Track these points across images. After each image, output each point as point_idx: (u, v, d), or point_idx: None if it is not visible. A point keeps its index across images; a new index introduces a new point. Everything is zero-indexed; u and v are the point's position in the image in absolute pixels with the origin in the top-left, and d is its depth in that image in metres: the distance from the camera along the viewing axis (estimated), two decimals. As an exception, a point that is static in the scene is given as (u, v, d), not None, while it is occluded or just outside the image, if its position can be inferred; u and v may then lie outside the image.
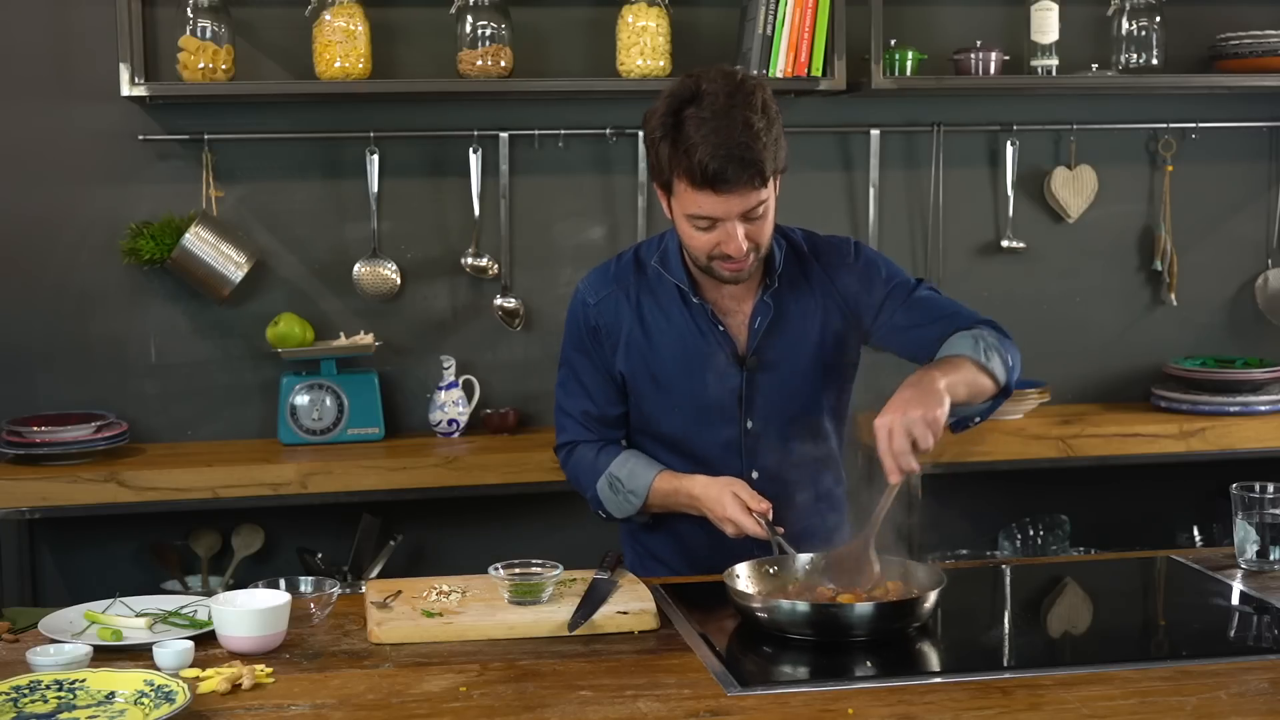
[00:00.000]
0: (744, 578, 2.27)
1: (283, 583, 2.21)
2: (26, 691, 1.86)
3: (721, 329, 2.51)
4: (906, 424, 2.18)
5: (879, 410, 2.25)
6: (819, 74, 3.67)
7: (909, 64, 3.78)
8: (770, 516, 2.39)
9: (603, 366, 2.57)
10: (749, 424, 2.53)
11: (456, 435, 3.76)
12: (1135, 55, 3.86)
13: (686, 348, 2.51)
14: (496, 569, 2.27)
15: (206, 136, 3.67)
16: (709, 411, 2.53)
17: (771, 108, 2.32)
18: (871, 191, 3.94)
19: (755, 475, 2.54)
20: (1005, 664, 2.08)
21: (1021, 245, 4.02)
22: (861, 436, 3.56)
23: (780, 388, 2.52)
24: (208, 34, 3.52)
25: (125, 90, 3.48)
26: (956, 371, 2.33)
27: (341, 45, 3.54)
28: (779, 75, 3.66)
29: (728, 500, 2.41)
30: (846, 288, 2.53)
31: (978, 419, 2.49)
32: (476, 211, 3.80)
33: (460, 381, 3.78)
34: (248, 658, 2.04)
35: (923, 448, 2.19)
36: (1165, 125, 4.05)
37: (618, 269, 2.58)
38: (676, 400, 2.54)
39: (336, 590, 2.25)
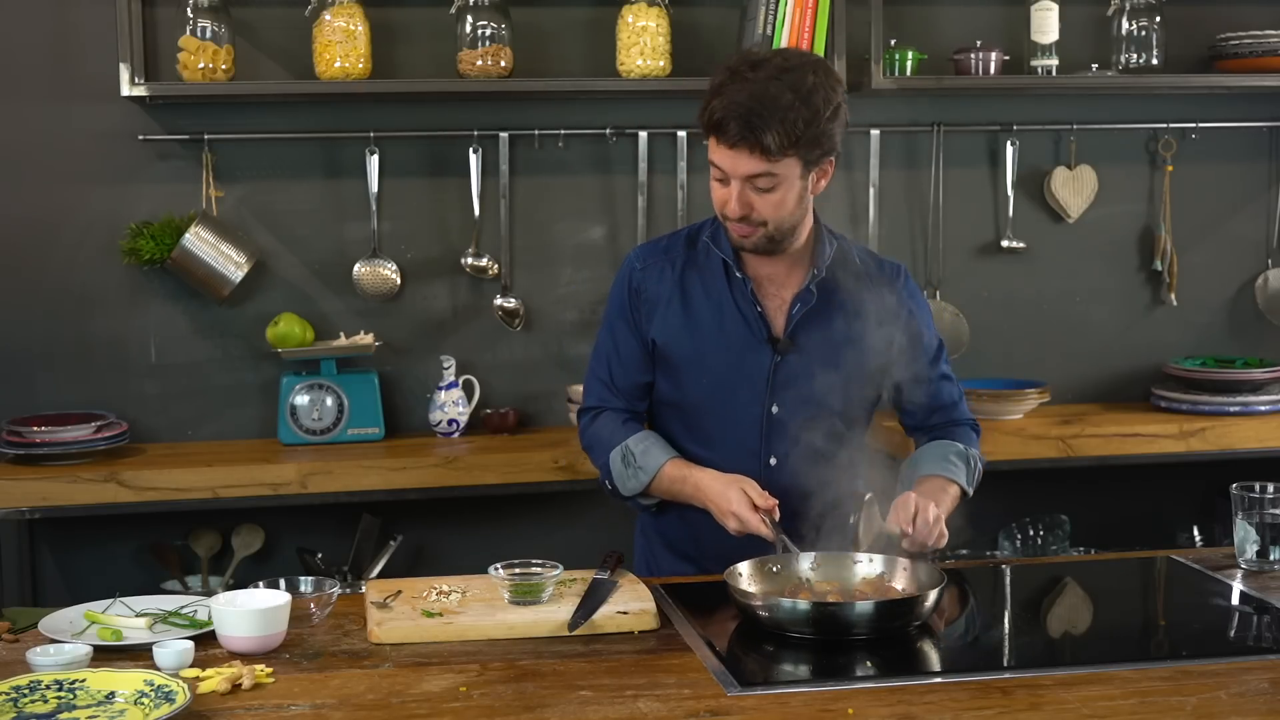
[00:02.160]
0: (746, 576, 2.28)
1: (283, 583, 2.22)
2: (26, 691, 1.86)
3: (759, 310, 2.54)
4: (935, 513, 2.39)
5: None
6: (819, 74, 3.67)
7: (909, 64, 3.78)
8: (776, 515, 2.40)
9: (637, 332, 2.61)
10: (774, 408, 2.55)
11: (456, 435, 3.76)
12: (1135, 55, 3.86)
13: (722, 320, 2.55)
14: (496, 569, 2.27)
15: (206, 136, 3.67)
16: (736, 388, 2.56)
17: (818, 97, 2.37)
18: (871, 191, 3.94)
19: (773, 461, 2.56)
20: (1005, 664, 2.08)
21: (1021, 245, 4.02)
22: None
23: (809, 377, 2.54)
24: (208, 34, 3.52)
25: (125, 90, 3.48)
26: (948, 498, 2.53)
27: (341, 45, 3.54)
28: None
29: (734, 495, 2.43)
30: (885, 309, 2.58)
31: None
32: (476, 211, 3.80)
33: (460, 381, 3.78)
34: (248, 658, 2.04)
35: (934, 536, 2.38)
36: (1165, 125, 4.05)
37: (669, 242, 2.65)
38: (705, 371, 2.56)
39: (336, 590, 2.25)
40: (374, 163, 3.74)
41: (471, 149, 3.77)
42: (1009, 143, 3.97)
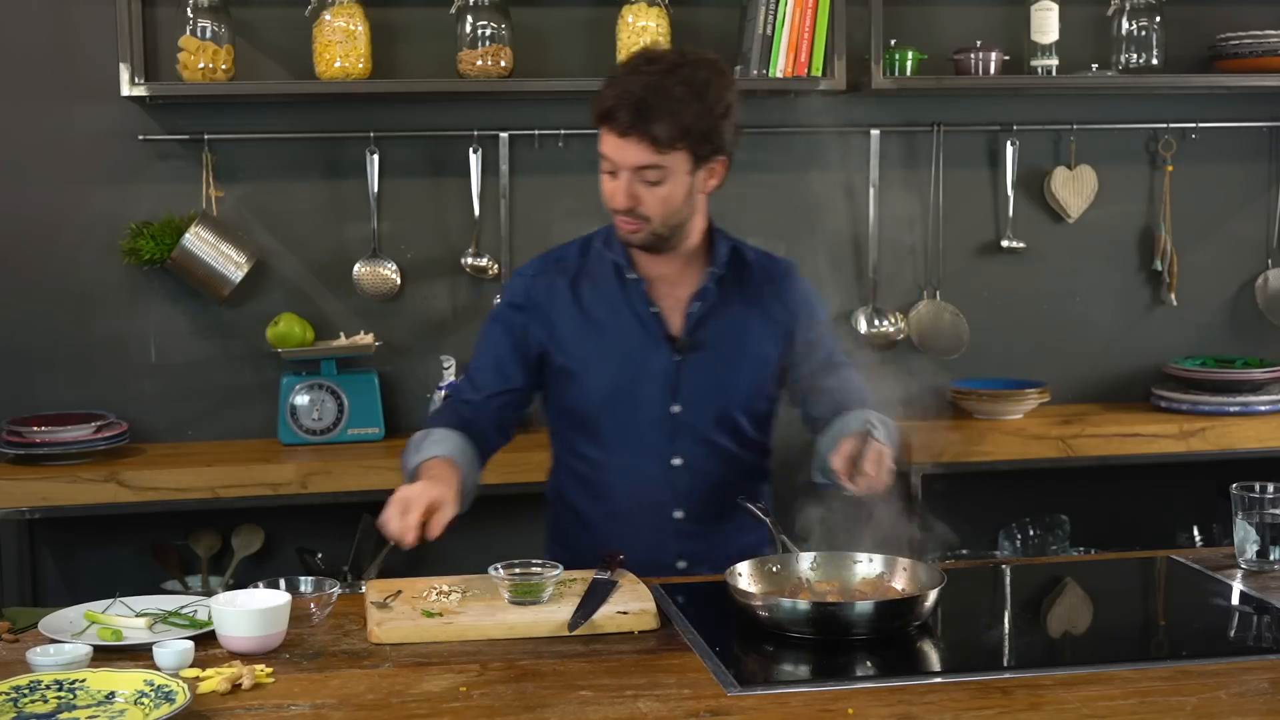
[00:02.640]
0: (746, 576, 2.28)
1: (283, 583, 2.21)
2: (26, 691, 1.86)
3: (654, 310, 2.54)
4: (887, 452, 2.32)
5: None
6: (819, 74, 3.67)
7: (909, 64, 3.78)
8: (431, 534, 2.30)
9: (518, 339, 2.59)
10: (675, 408, 2.55)
11: (456, 435, 3.75)
12: (1135, 55, 3.86)
13: (617, 323, 2.55)
14: (496, 569, 2.27)
15: (206, 136, 3.67)
16: (635, 390, 2.55)
17: (710, 93, 2.39)
18: (871, 191, 3.94)
19: (678, 461, 2.56)
20: (1005, 664, 2.07)
21: (1021, 245, 4.02)
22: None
23: (711, 376, 2.55)
24: (208, 34, 3.52)
25: (125, 90, 3.49)
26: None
27: (341, 45, 3.54)
28: (779, 75, 3.66)
29: (404, 497, 2.31)
30: (784, 308, 2.58)
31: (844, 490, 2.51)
32: (476, 211, 3.80)
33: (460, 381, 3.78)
34: (248, 658, 2.04)
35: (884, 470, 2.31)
36: (1165, 125, 4.05)
37: (561, 252, 2.64)
38: (602, 375, 2.56)
39: (336, 590, 2.25)
40: (374, 163, 3.74)
41: (471, 149, 3.77)
42: (1009, 143, 3.97)
